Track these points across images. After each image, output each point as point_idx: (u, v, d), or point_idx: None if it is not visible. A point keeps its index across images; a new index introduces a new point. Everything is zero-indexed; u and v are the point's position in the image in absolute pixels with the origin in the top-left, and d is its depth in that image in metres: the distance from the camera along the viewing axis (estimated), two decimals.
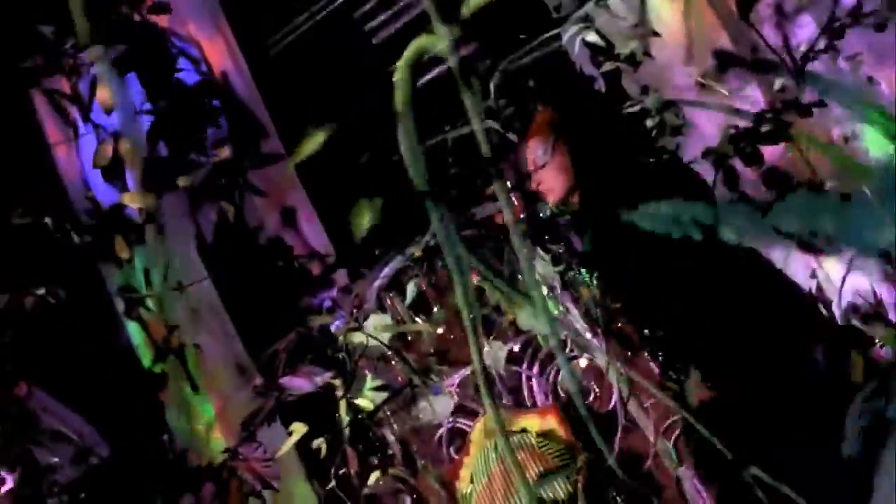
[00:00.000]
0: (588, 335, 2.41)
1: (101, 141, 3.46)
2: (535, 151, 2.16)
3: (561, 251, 2.32)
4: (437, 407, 2.62)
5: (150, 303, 4.30)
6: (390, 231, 3.19)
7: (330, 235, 3.93)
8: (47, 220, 3.30)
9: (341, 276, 3.00)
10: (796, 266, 3.29)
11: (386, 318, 2.63)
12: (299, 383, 2.78)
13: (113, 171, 3.92)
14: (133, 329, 4.28)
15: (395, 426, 2.72)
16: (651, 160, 3.54)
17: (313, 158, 4.14)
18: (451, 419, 2.69)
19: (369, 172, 3.85)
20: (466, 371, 2.80)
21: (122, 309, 4.27)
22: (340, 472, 2.78)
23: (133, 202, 3.45)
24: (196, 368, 4.26)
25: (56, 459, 3.78)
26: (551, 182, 2.18)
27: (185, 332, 4.26)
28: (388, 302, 2.72)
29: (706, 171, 3.63)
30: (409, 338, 2.78)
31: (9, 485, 2.37)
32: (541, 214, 2.38)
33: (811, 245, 3.33)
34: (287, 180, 4.09)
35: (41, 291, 3.35)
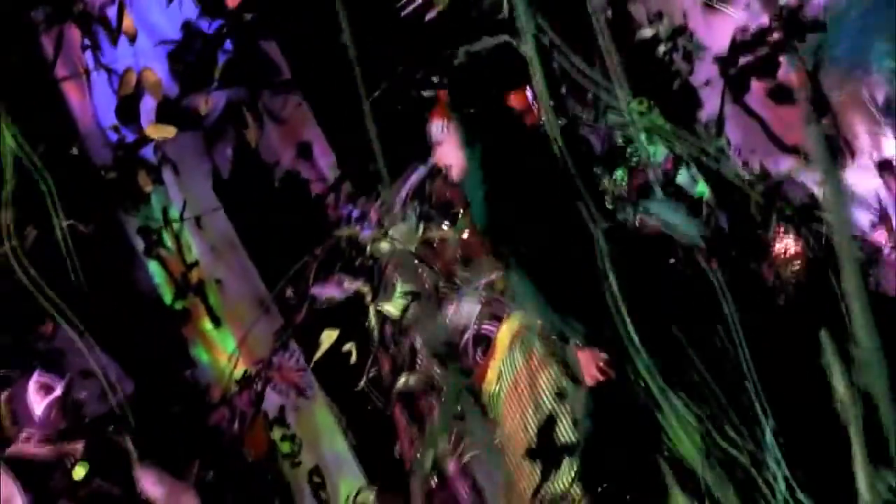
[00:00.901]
0: None
1: (125, 70, 3.52)
2: (432, 131, 2.29)
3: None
4: (464, 311, 2.71)
5: (168, 241, 4.39)
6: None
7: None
8: (74, 150, 3.36)
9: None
10: (804, 176, 3.39)
11: (411, 226, 2.72)
12: (330, 291, 2.88)
13: (127, 108, 3.98)
14: (153, 267, 4.37)
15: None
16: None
17: (325, 95, 4.21)
18: (476, 324, 2.78)
19: (380, 107, 3.91)
20: (491, 276, 2.90)
21: (141, 248, 4.37)
22: (371, 373, 2.89)
23: (156, 134, 3.52)
24: (217, 304, 4.36)
25: (84, 394, 3.86)
26: (450, 158, 2.30)
27: (205, 269, 4.36)
28: (416, 210, 2.81)
29: (711, 96, 3.71)
30: (435, 245, 2.88)
31: (57, 392, 2.47)
32: None
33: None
34: (301, 115, 4.16)
35: (68, 223, 3.41)
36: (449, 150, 2.31)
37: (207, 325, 4.33)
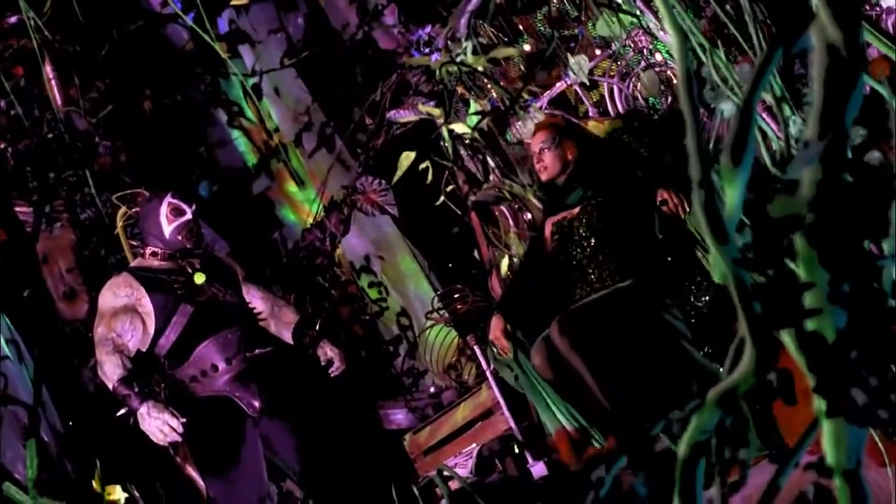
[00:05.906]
0: (662, 35, 2.57)
1: None
2: (541, 139, 2.37)
3: None
4: (531, 125, 2.84)
5: (249, 111, 4.64)
6: None
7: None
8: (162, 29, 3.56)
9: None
10: None
11: (476, 47, 2.81)
12: (405, 113, 3.03)
13: None
14: (237, 136, 4.64)
15: (499, 142, 2.95)
16: None
17: None
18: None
19: None
20: (555, 92, 3.02)
21: (224, 119, 4.63)
22: (448, 188, 3.05)
23: (234, 1, 3.69)
24: (299, 166, 4.62)
25: None
26: (548, 164, 2.38)
27: (285, 134, 4.60)
28: (481, 30, 2.92)
29: None
30: (503, 64, 3.00)
31: (188, 215, 2.64)
32: None
33: None
34: None
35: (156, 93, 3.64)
36: (550, 159, 2.38)
37: (292, 187, 4.60)
